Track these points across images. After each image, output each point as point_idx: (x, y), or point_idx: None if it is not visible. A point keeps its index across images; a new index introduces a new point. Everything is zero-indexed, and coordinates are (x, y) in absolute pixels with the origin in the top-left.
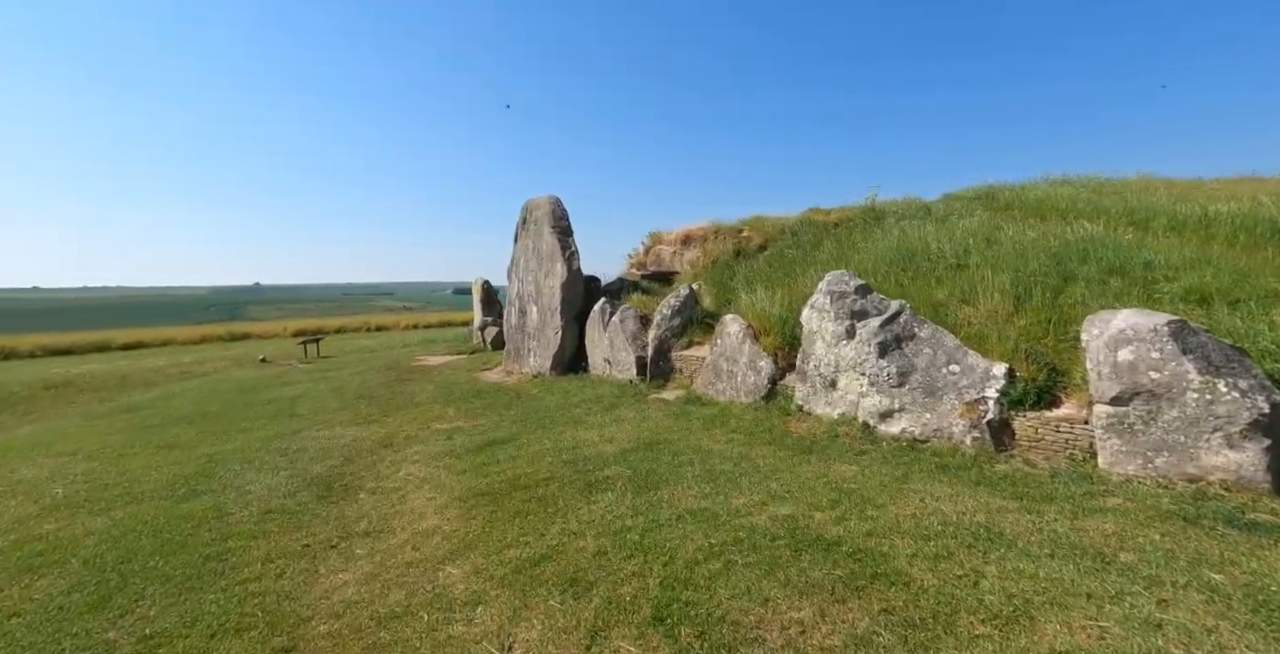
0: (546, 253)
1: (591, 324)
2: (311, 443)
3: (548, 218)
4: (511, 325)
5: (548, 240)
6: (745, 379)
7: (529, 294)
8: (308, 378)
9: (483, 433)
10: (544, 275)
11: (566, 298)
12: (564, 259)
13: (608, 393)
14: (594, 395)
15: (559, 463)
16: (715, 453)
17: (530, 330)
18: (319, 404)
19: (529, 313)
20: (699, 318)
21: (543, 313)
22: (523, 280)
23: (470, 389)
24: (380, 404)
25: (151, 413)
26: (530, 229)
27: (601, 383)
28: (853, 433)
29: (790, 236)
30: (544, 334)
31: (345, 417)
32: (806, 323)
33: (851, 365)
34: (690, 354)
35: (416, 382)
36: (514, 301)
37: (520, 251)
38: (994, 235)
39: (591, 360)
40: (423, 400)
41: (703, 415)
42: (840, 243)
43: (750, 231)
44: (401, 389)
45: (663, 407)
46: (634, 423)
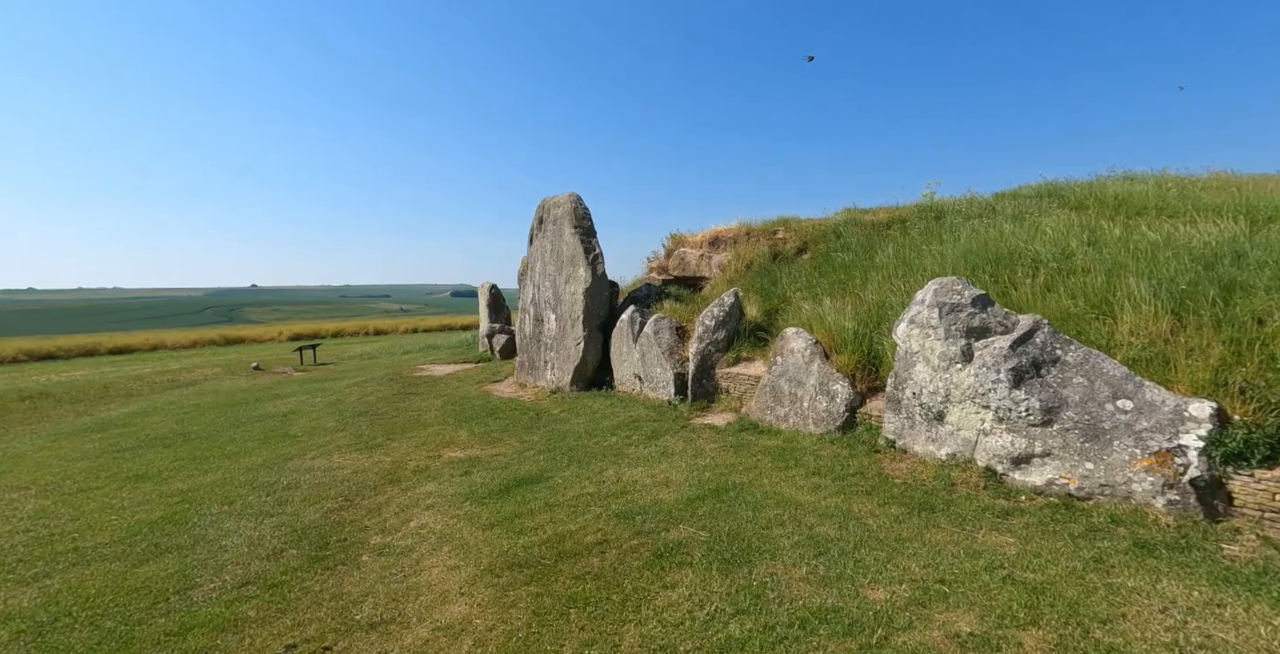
0: (567, 255)
1: (619, 335)
2: (305, 476)
3: (568, 217)
4: (525, 334)
5: (569, 242)
6: (815, 405)
7: (546, 300)
8: (303, 389)
9: (505, 466)
10: (564, 280)
11: (590, 305)
12: (587, 263)
13: (643, 415)
14: (628, 418)
15: (609, 516)
16: (806, 506)
17: (547, 340)
18: (315, 422)
19: (546, 321)
20: (746, 330)
21: (562, 321)
22: (539, 285)
23: (483, 406)
24: (383, 423)
25: (126, 432)
26: (548, 230)
27: (632, 402)
28: (972, 481)
29: (835, 238)
30: (564, 345)
31: (344, 439)
32: (903, 341)
33: (969, 395)
34: (738, 372)
35: (422, 395)
36: (528, 309)
37: (536, 254)
38: (1094, 235)
39: (618, 375)
40: (431, 419)
41: (767, 449)
42: (899, 245)
43: (785, 233)
44: (406, 405)
45: (714, 436)
46: (687, 458)
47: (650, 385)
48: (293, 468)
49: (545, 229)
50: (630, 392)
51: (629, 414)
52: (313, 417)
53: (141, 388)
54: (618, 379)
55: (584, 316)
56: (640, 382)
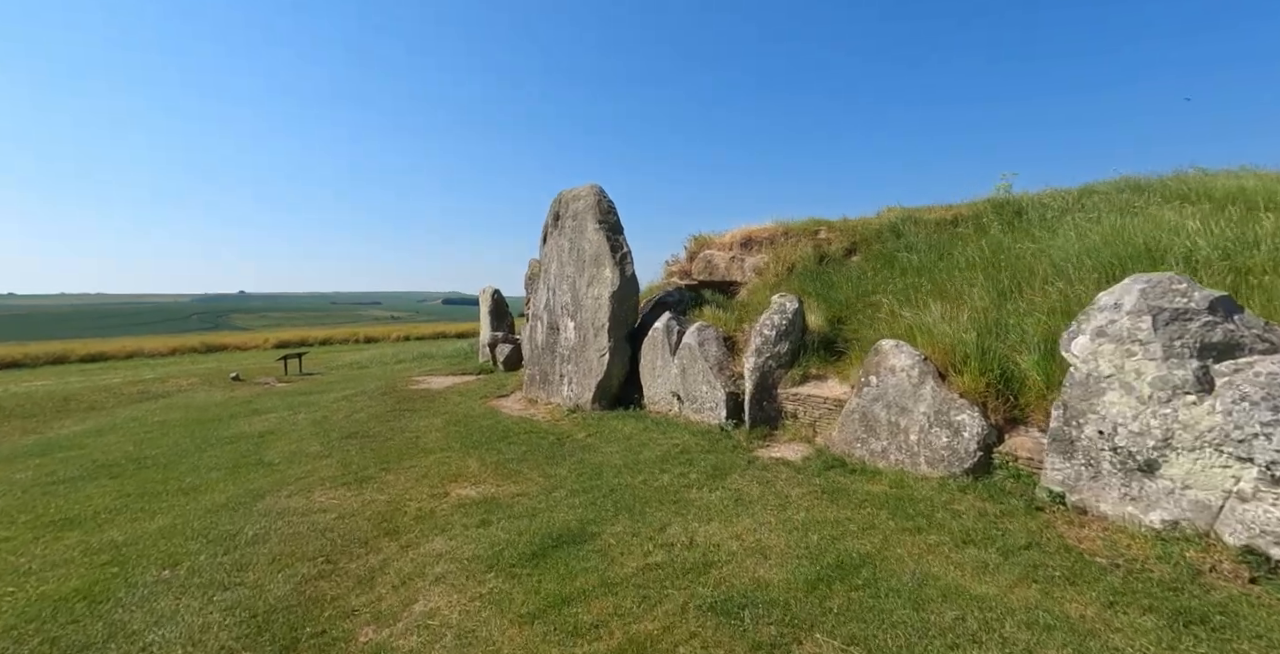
0: (590, 255)
1: (651, 346)
2: (277, 522)
3: (591, 212)
4: (537, 345)
5: (592, 239)
6: (929, 439)
7: (563, 306)
8: (285, 403)
9: (533, 513)
10: (586, 283)
11: (617, 312)
12: (614, 263)
13: (693, 444)
14: (674, 448)
15: (700, 611)
16: (991, 603)
17: (564, 351)
18: (295, 446)
19: (562, 329)
20: (814, 343)
21: (583, 330)
22: (554, 289)
23: (491, 427)
24: (376, 448)
25: (72, 457)
26: (566, 226)
27: (672, 426)
28: (1226, 568)
29: (893, 237)
30: (584, 357)
31: (329, 468)
32: (1084, 360)
33: (1212, 440)
34: (808, 393)
35: (420, 413)
36: (540, 315)
37: (551, 254)
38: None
39: (649, 393)
40: (433, 444)
41: (875, 498)
42: (980, 243)
43: (829, 233)
44: (402, 424)
45: (794, 476)
46: (772, 509)
47: (693, 406)
48: (263, 510)
49: (563, 226)
50: (666, 412)
51: (673, 442)
52: (294, 438)
53: (106, 400)
54: (649, 397)
55: (610, 324)
56: (679, 401)
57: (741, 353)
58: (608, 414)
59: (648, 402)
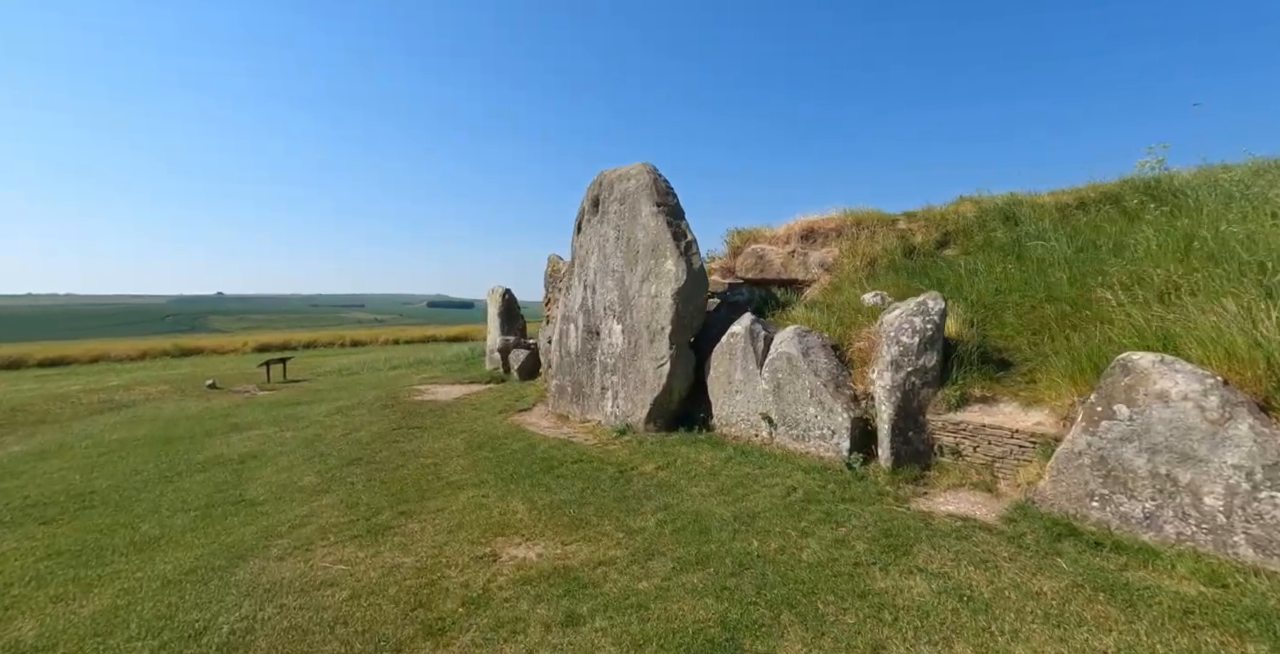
0: (645, 245)
1: (726, 355)
2: (266, 609)
3: (645, 193)
4: (569, 351)
5: (648, 226)
6: (1261, 510)
7: (606, 306)
8: (269, 417)
9: (640, 603)
10: (639, 278)
11: (682, 313)
12: (678, 253)
13: (812, 486)
14: (787, 490)
15: None
16: None
17: (607, 359)
18: (285, 476)
19: (605, 333)
20: (970, 355)
21: (634, 334)
22: (593, 286)
23: (526, 452)
24: (387, 480)
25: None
26: (609, 213)
27: (766, 457)
28: None
29: (1006, 225)
30: (637, 366)
31: (331, 511)
32: None
33: None
34: (976, 422)
35: (432, 431)
36: (572, 317)
37: (589, 246)
38: None
39: (722, 411)
40: (459, 475)
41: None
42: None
43: (910, 223)
44: (414, 446)
45: (1013, 551)
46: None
47: (793, 432)
48: (245, 582)
49: (605, 212)
50: (748, 438)
51: (784, 482)
52: (282, 464)
53: (61, 411)
54: (721, 417)
55: (672, 328)
56: (770, 425)
57: (855, 366)
58: (669, 438)
59: (719, 423)
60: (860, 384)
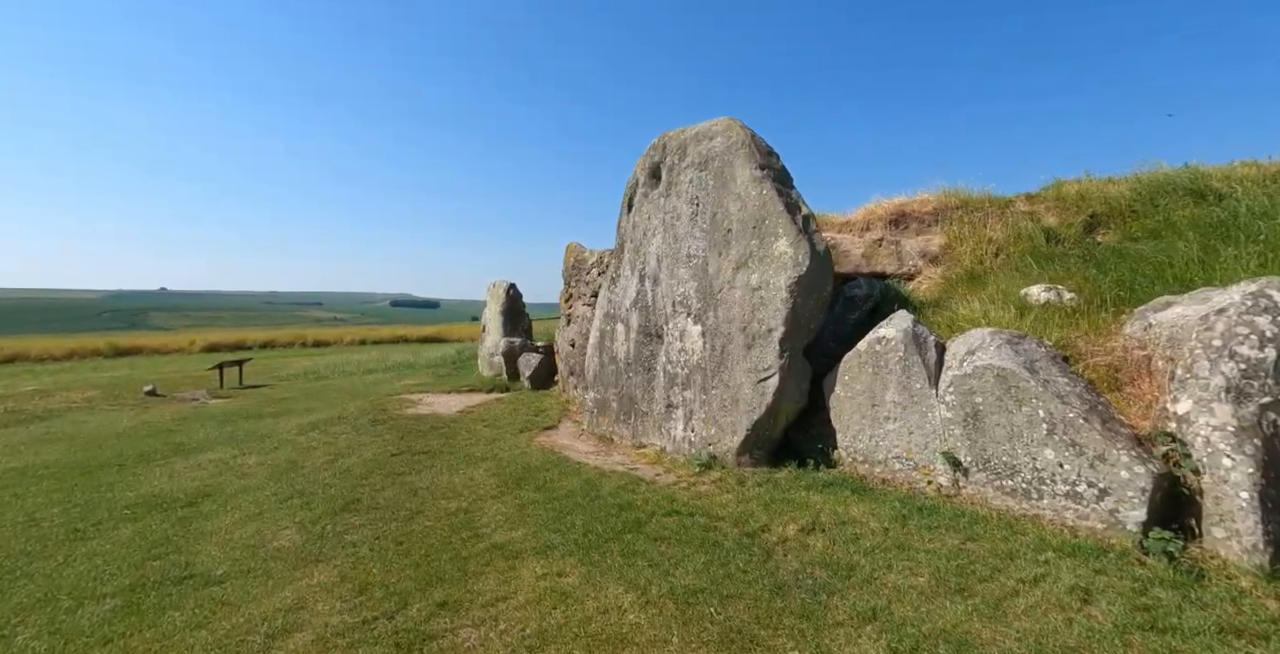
0: (742, 220)
1: (868, 366)
2: None
3: (740, 153)
4: (616, 358)
5: (746, 195)
6: None
7: (678, 301)
8: (225, 434)
9: None
10: (731, 265)
11: (801, 310)
12: (796, 230)
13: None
14: (1074, 594)
15: None
16: None
17: (677, 370)
18: (252, 532)
19: (675, 337)
20: None
21: (719, 337)
22: (654, 277)
23: (588, 494)
24: (404, 540)
25: None
26: (682, 181)
27: (959, 517)
28: None
29: (1193, 203)
30: (724, 379)
31: (328, 601)
32: None
33: None
34: None
35: (443, 456)
36: (621, 316)
37: (650, 226)
38: None
39: (857, 442)
40: (507, 534)
41: None
42: None
43: (1030, 204)
44: (427, 481)
45: None
46: None
47: (1007, 484)
48: None
49: (674, 183)
50: (909, 484)
51: (1048, 574)
52: (247, 510)
53: None
54: (854, 450)
55: (786, 329)
56: (958, 470)
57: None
58: (778, 476)
59: (849, 457)
60: (1139, 420)
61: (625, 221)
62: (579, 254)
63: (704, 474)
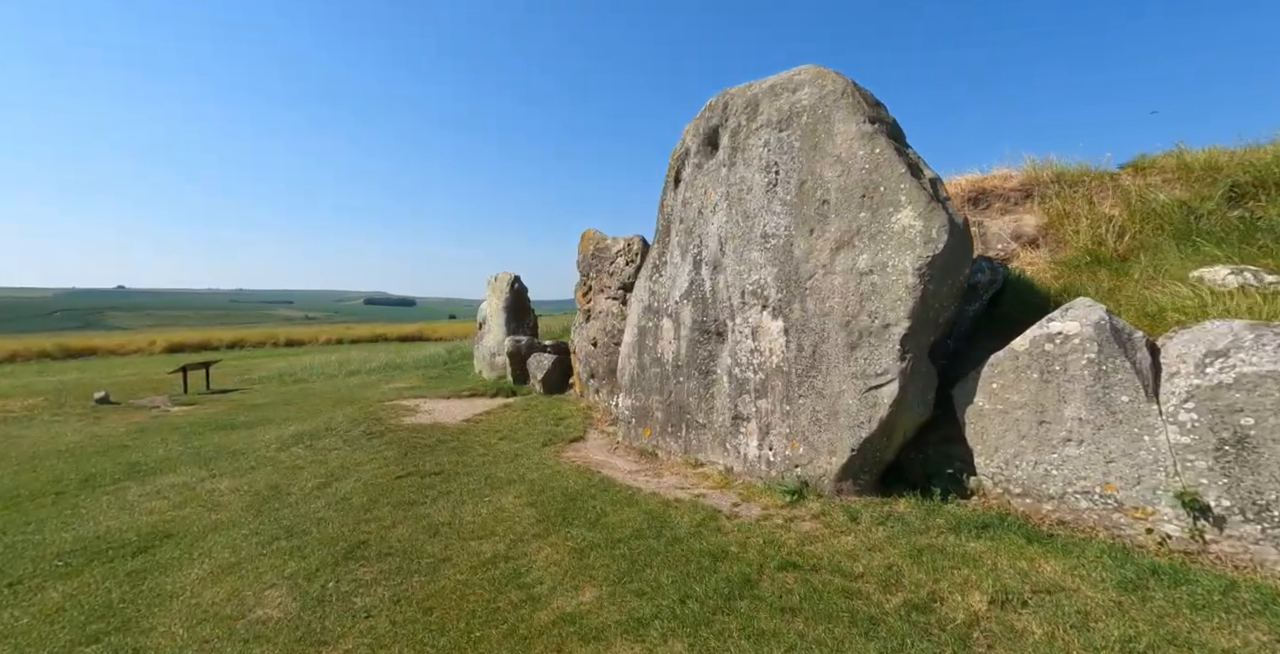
0: (843, 189)
1: (1035, 371)
2: None
3: (841, 104)
4: (663, 360)
5: (849, 156)
6: None
7: (751, 291)
8: (190, 451)
9: None
10: (828, 244)
11: (931, 299)
12: (926, 197)
13: None
14: None
15: None
16: None
17: (749, 374)
18: (227, 593)
19: (745, 334)
20: None
21: (808, 334)
22: (715, 263)
23: (660, 534)
24: (435, 605)
25: None
26: (753, 146)
27: (1216, 581)
28: None
29: None
30: (816, 386)
31: None
32: None
33: None
34: None
35: (459, 478)
36: (668, 310)
37: (710, 202)
38: None
39: (1013, 469)
40: (570, 598)
41: None
42: None
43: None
44: (447, 514)
45: None
46: None
47: None
48: None
49: (741, 148)
50: (1110, 529)
51: None
52: (220, 558)
53: None
54: (1007, 479)
55: (910, 324)
56: (1204, 518)
57: None
58: (903, 510)
59: (994, 486)
60: None
61: (671, 199)
62: (599, 242)
63: (797, 505)
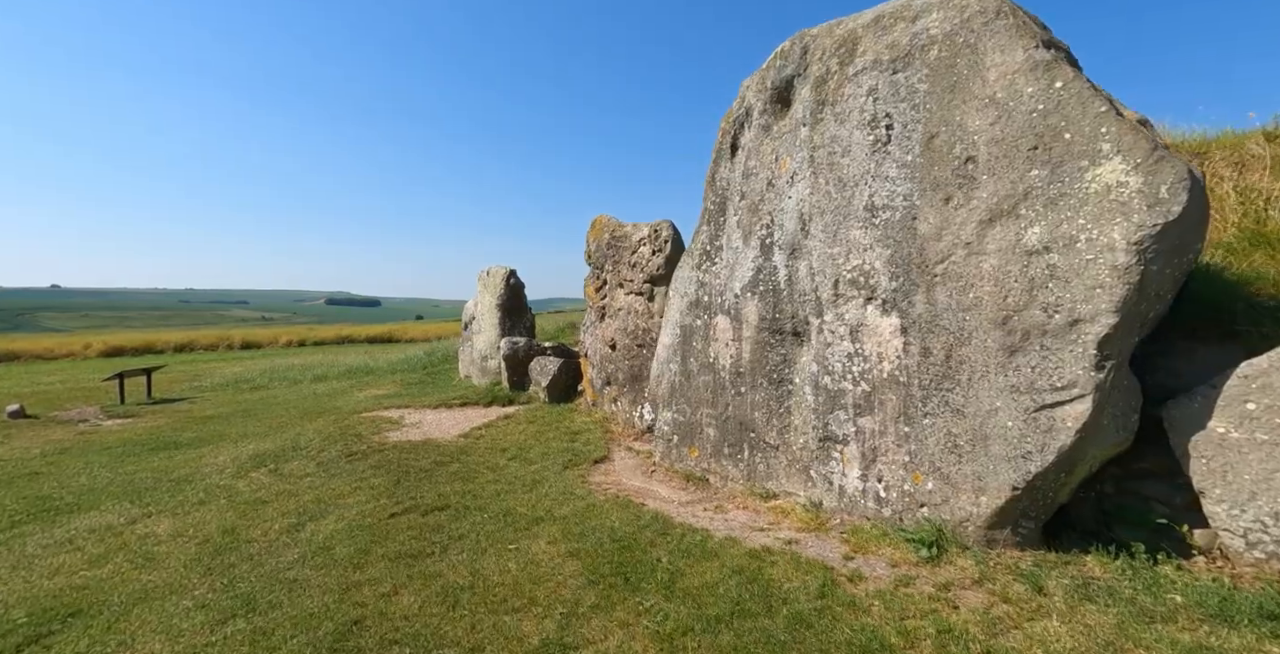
0: (1005, 138)
1: None
2: None
3: (1000, 30)
4: (716, 366)
5: (1013, 93)
6: None
7: (845, 280)
8: (121, 480)
9: None
10: (979, 216)
11: (1151, 282)
12: (1148, 146)
13: None
14: None
15: None
16: None
17: (843, 385)
18: None
19: (835, 335)
20: None
21: (934, 333)
22: (794, 244)
23: (766, 606)
24: None
25: None
26: (858, 93)
27: None
28: None
29: None
30: (957, 401)
31: None
32: None
33: None
34: None
35: (470, 516)
36: (717, 305)
37: (781, 171)
38: None
39: (1266, 527)
40: None
41: None
42: None
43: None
44: (464, 573)
45: None
46: None
47: None
48: None
49: (835, 99)
50: None
51: None
52: (148, 652)
53: None
54: (1250, 534)
55: (1119, 319)
56: None
57: None
58: (1108, 578)
59: (1246, 548)
60: None
61: (726, 172)
62: (614, 230)
63: (940, 563)
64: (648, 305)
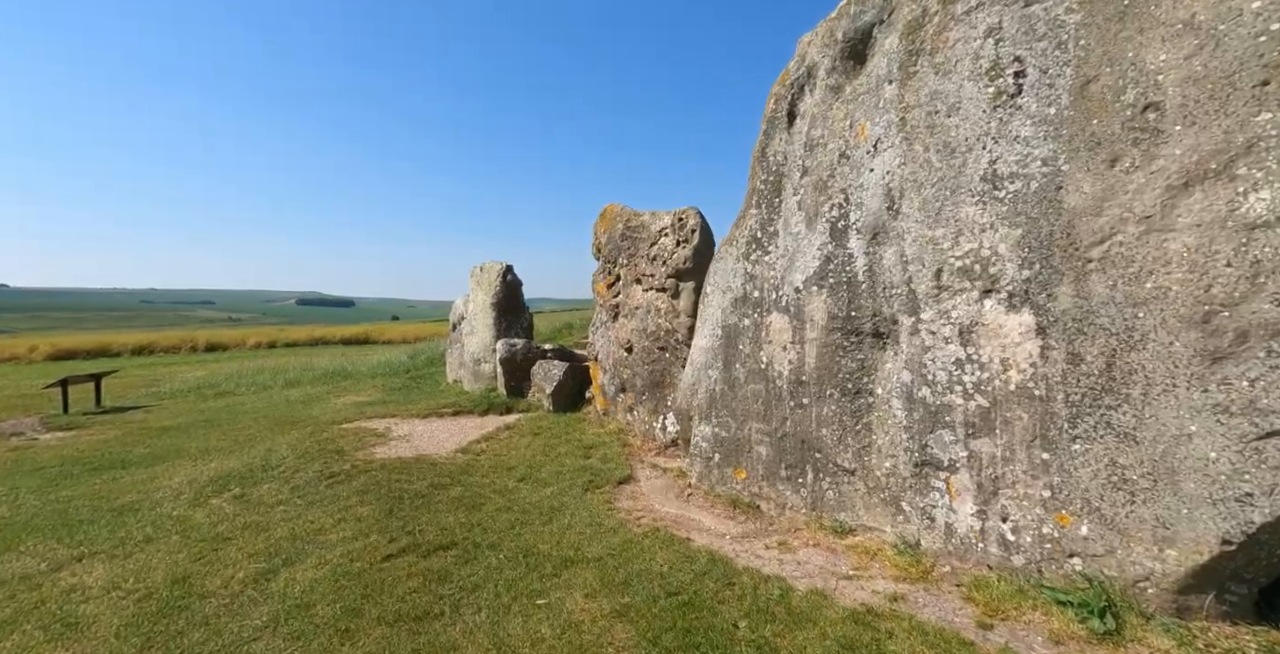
0: (1203, 78)
1: None
2: None
3: None
4: (770, 373)
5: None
6: None
7: (950, 270)
8: (52, 511)
9: None
10: (1165, 183)
11: None
12: None
13: None
14: None
15: None
16: None
17: (948, 399)
18: None
19: (935, 336)
20: None
21: (1085, 336)
22: (877, 226)
23: None
24: None
25: None
26: (968, 36)
27: None
28: None
29: None
30: (1120, 422)
31: None
32: None
33: None
34: None
35: (484, 557)
36: (770, 302)
37: (860, 139)
38: None
39: None
40: None
41: None
42: None
43: None
44: (486, 649)
45: None
46: None
47: None
48: None
49: (933, 47)
50: None
51: None
52: None
53: None
54: None
55: None
56: None
57: None
58: None
59: None
60: None
61: (782, 144)
62: (629, 219)
63: (1125, 642)
64: (671, 303)
